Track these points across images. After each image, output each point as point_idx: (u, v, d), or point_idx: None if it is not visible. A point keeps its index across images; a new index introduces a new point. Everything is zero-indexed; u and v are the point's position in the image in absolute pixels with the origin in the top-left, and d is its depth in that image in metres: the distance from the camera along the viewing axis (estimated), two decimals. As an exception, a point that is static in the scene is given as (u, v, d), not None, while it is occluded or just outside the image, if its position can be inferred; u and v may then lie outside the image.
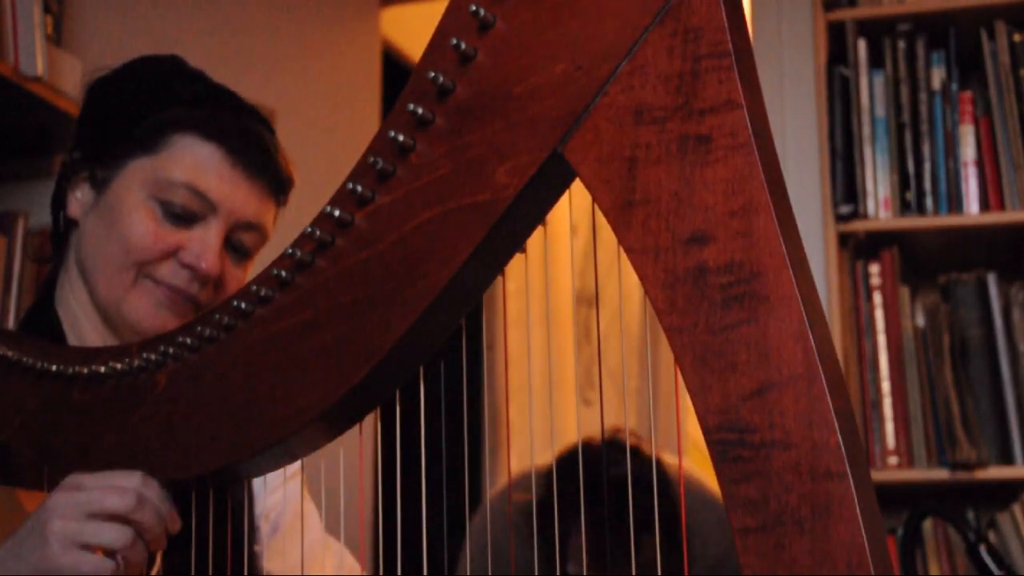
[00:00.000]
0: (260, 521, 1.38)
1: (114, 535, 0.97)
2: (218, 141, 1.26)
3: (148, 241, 1.24)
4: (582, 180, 0.80)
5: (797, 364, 0.73)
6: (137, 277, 1.24)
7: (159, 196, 1.25)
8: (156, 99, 1.29)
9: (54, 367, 1.04)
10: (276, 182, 1.31)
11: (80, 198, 1.29)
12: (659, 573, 0.88)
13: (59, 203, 1.31)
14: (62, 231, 1.32)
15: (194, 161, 1.25)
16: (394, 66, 3.45)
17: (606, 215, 0.79)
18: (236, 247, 1.29)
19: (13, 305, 2.03)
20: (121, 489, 0.97)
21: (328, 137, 2.99)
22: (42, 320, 1.29)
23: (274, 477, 1.38)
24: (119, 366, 1.00)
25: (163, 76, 1.32)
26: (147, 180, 1.25)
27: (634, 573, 0.96)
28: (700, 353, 0.75)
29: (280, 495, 1.41)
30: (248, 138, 1.29)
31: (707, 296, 0.76)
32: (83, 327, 1.29)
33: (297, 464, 1.38)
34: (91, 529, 0.97)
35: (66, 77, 2.08)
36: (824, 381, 0.73)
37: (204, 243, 1.25)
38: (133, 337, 1.27)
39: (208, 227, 1.26)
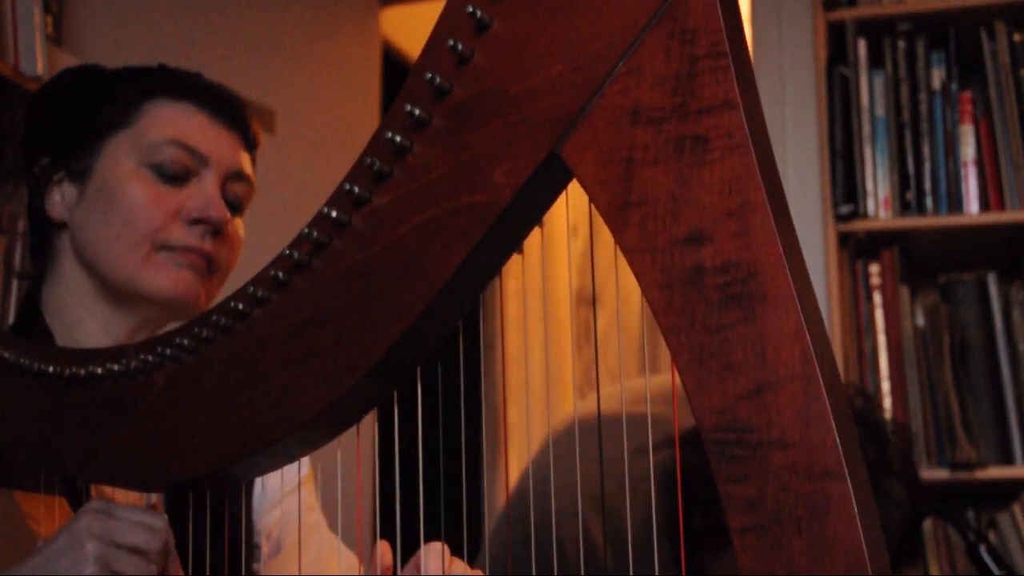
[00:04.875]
0: (260, 539, 1.37)
1: (141, 568, 1.00)
2: (191, 98, 1.28)
3: (151, 205, 1.24)
4: (579, 181, 0.80)
5: (794, 364, 0.73)
6: (151, 250, 1.24)
7: (148, 161, 1.25)
8: (114, 80, 1.30)
9: (51, 368, 1.04)
10: (249, 135, 1.33)
11: (61, 199, 1.29)
12: None
13: (38, 214, 1.31)
14: (43, 239, 1.31)
15: (174, 119, 1.26)
16: (394, 66, 3.45)
17: (603, 216, 0.79)
18: (230, 200, 1.30)
19: (13, 305, 2.03)
20: (153, 530, 1.01)
21: (328, 137, 2.99)
22: (27, 329, 1.28)
23: (275, 491, 1.38)
24: (116, 367, 1.00)
25: (98, 70, 1.34)
26: (132, 149, 1.25)
27: None
28: (697, 353, 0.75)
29: (281, 510, 1.39)
30: (218, 94, 1.31)
31: (704, 296, 0.76)
32: (85, 325, 1.28)
33: (295, 481, 1.38)
34: (123, 557, 1.00)
35: (66, 77, 2.09)
36: (821, 381, 0.73)
37: (205, 194, 1.26)
38: (153, 316, 1.28)
39: (203, 179, 1.27)
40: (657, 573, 1.04)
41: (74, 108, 1.29)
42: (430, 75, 0.84)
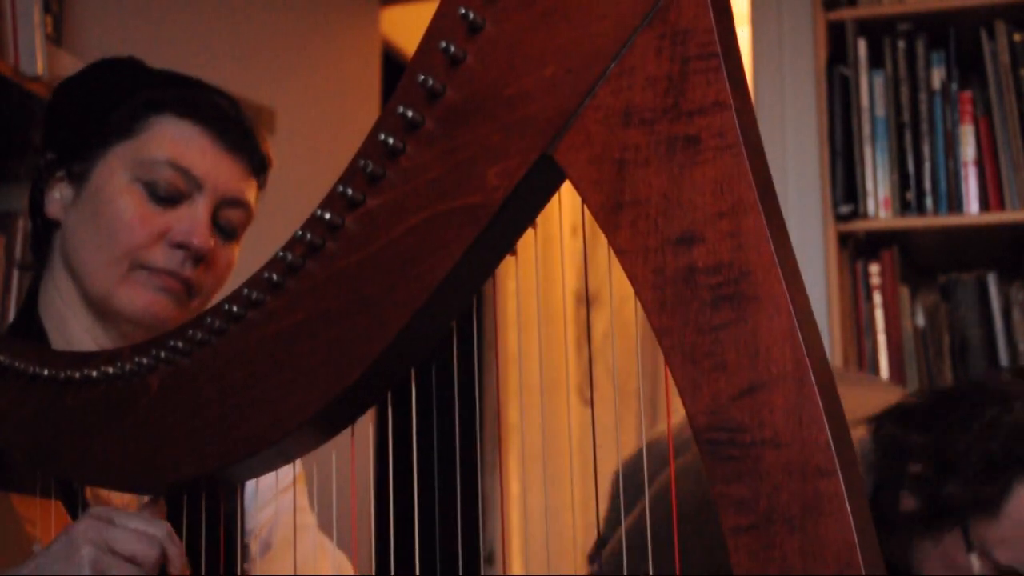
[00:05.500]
0: (249, 539, 1.37)
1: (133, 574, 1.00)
2: (196, 118, 1.26)
3: (136, 223, 1.23)
4: (572, 182, 0.80)
5: (786, 363, 0.73)
6: (130, 268, 1.23)
7: (143, 177, 1.24)
8: (128, 87, 1.28)
9: (46, 372, 1.04)
10: (256, 159, 1.31)
11: (59, 197, 1.28)
12: None
13: (36, 207, 1.30)
14: (41, 234, 1.31)
15: (174, 139, 1.25)
16: (394, 66, 3.45)
17: (596, 216, 0.79)
18: (223, 226, 1.28)
19: (13, 305, 2.03)
20: (151, 539, 1.00)
21: (328, 137, 3.00)
22: (26, 327, 1.29)
23: (265, 491, 1.38)
24: (111, 370, 1.00)
25: (129, 69, 1.32)
26: (129, 163, 1.24)
27: None
28: (689, 353, 0.76)
29: (271, 511, 1.39)
30: (225, 115, 1.29)
31: (696, 296, 0.76)
32: (71, 327, 1.28)
33: (288, 479, 1.38)
34: (118, 565, 0.99)
35: (66, 78, 2.09)
36: (813, 380, 0.73)
37: (193, 219, 1.24)
38: (128, 330, 1.27)
39: (195, 204, 1.25)
40: None
41: (86, 108, 1.29)
42: (423, 77, 0.84)
